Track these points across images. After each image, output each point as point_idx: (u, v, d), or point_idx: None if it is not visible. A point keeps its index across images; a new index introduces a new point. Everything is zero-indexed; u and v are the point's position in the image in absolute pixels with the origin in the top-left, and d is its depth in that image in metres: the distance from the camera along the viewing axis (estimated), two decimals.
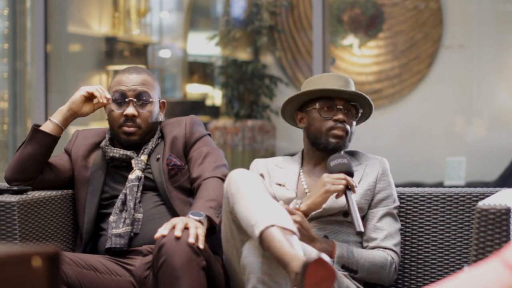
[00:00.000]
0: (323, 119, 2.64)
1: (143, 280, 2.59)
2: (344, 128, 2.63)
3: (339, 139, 2.63)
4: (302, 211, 2.49)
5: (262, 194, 2.33)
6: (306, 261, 2.06)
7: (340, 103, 2.65)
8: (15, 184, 2.69)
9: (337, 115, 2.63)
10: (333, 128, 2.63)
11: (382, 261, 2.56)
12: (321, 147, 2.66)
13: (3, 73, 5.74)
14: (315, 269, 2.05)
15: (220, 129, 6.20)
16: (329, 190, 2.46)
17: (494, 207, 2.17)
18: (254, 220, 2.23)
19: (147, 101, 2.75)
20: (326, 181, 2.48)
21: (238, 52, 6.48)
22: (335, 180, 2.47)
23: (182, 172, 2.74)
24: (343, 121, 2.63)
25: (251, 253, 2.25)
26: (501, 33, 5.48)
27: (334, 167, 2.52)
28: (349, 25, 5.77)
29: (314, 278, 2.05)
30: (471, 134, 5.47)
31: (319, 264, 2.05)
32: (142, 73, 2.79)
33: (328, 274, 2.06)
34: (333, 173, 2.50)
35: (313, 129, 2.67)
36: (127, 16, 6.48)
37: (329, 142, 2.63)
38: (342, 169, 2.51)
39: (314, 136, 2.67)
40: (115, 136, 2.78)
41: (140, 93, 2.75)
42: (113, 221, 2.65)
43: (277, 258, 2.16)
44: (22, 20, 5.67)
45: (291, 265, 2.10)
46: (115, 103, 2.75)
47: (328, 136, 2.63)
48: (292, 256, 2.12)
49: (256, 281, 2.22)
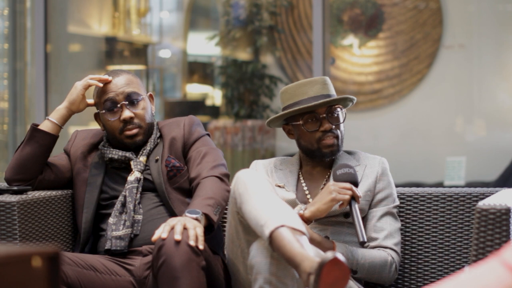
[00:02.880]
0: (310, 132, 2.64)
1: (143, 280, 2.59)
2: (334, 135, 2.63)
3: (331, 147, 2.63)
4: (306, 217, 2.49)
5: (271, 194, 2.33)
6: (322, 261, 2.05)
7: (322, 111, 2.63)
8: (15, 184, 2.69)
9: (323, 126, 2.63)
10: (323, 138, 2.63)
11: (382, 261, 2.56)
12: (316, 158, 2.67)
13: (3, 73, 5.74)
14: (330, 269, 2.04)
15: (220, 129, 6.20)
16: (335, 198, 2.46)
17: (494, 207, 2.17)
18: (264, 220, 2.23)
19: (138, 100, 2.75)
20: (332, 190, 2.47)
21: (238, 52, 6.48)
22: (341, 190, 2.47)
23: (181, 173, 2.74)
24: (330, 129, 2.62)
25: (259, 253, 2.25)
26: (501, 33, 5.48)
27: (340, 176, 2.51)
28: (349, 25, 5.77)
29: (329, 278, 2.04)
30: (471, 134, 5.47)
31: (335, 264, 2.05)
32: (122, 74, 2.78)
33: (343, 274, 2.06)
34: (338, 182, 2.50)
35: (304, 142, 2.67)
36: (127, 16, 6.48)
37: (323, 153, 2.64)
38: (348, 179, 2.51)
39: (306, 148, 2.67)
40: (119, 143, 2.77)
41: (129, 94, 2.74)
42: (112, 223, 2.65)
43: (287, 258, 2.16)
44: (22, 20, 5.66)
45: (303, 265, 2.10)
46: (108, 112, 2.74)
47: (320, 147, 2.63)
48: (303, 257, 2.11)
49: (263, 281, 2.22)
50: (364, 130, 5.55)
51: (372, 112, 5.64)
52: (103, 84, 2.74)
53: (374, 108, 5.58)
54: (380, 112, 5.63)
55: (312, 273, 2.06)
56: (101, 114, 2.77)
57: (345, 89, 5.54)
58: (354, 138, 5.38)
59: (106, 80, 2.74)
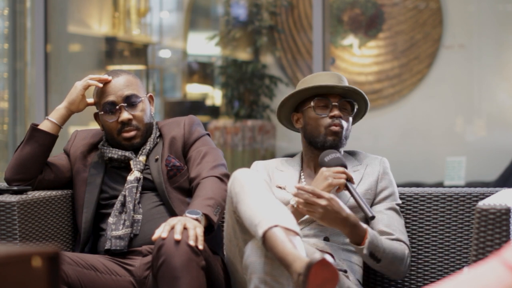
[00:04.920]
0: (319, 117, 2.64)
1: (143, 280, 2.59)
2: (341, 124, 2.63)
3: (336, 135, 2.63)
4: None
5: (266, 194, 2.33)
6: (309, 262, 2.05)
7: (335, 99, 2.65)
8: (15, 184, 2.69)
9: (332, 111, 2.63)
10: (330, 125, 2.63)
11: (402, 254, 2.53)
12: (318, 146, 2.65)
13: (3, 73, 5.74)
14: (318, 270, 2.04)
15: (220, 129, 6.20)
16: (332, 183, 2.47)
17: (494, 207, 2.17)
18: (258, 220, 2.23)
19: (137, 102, 2.75)
20: (327, 175, 2.48)
21: (238, 52, 6.48)
22: (335, 174, 2.48)
23: (181, 173, 2.74)
24: (339, 116, 2.63)
25: (253, 253, 2.25)
26: (501, 33, 5.48)
27: (330, 161, 2.53)
28: (349, 25, 5.77)
29: (317, 279, 2.04)
30: (471, 134, 5.48)
31: (323, 265, 2.05)
32: (122, 74, 2.78)
33: (331, 275, 2.06)
34: (330, 167, 2.51)
35: (310, 128, 2.66)
36: (127, 16, 6.48)
37: (326, 140, 2.63)
38: (338, 163, 2.53)
39: (311, 135, 2.66)
40: (117, 144, 2.77)
41: (128, 97, 2.74)
42: (112, 223, 2.65)
43: (279, 258, 2.16)
44: (22, 20, 5.67)
45: (294, 265, 2.10)
46: (107, 113, 2.75)
47: (326, 134, 2.63)
48: (295, 257, 2.11)
49: (258, 281, 2.22)
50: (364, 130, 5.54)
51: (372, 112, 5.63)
52: (103, 84, 2.74)
53: (374, 108, 5.58)
54: (380, 112, 5.63)
55: (301, 273, 2.06)
56: (100, 115, 2.77)
57: None
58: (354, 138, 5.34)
59: (106, 80, 2.74)
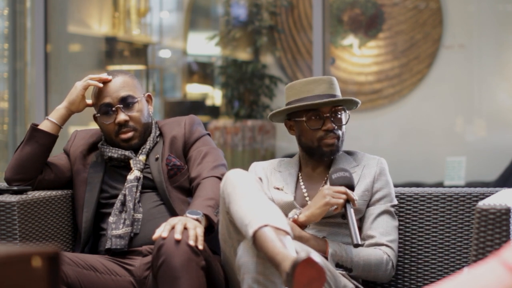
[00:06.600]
0: (312, 130, 2.63)
1: (143, 280, 2.59)
2: (335, 136, 2.63)
3: (331, 146, 2.63)
4: (300, 221, 2.49)
5: (257, 194, 2.33)
6: (295, 261, 2.05)
7: (326, 110, 2.63)
8: (15, 184, 2.69)
9: (326, 125, 2.62)
10: (324, 138, 2.63)
11: (378, 260, 2.55)
12: (315, 156, 2.66)
13: (3, 73, 5.75)
14: (304, 269, 2.04)
15: (220, 129, 6.20)
16: (329, 202, 2.46)
17: (494, 207, 2.17)
18: (248, 220, 2.23)
19: (133, 102, 2.75)
20: (326, 194, 2.47)
21: (238, 52, 6.48)
22: (335, 194, 2.46)
23: (181, 172, 2.74)
24: (332, 129, 2.62)
25: (245, 253, 2.26)
26: (501, 33, 5.48)
27: (335, 180, 2.50)
28: (349, 25, 5.77)
29: (303, 278, 2.04)
30: (471, 134, 5.48)
31: (308, 264, 2.05)
32: (119, 75, 2.77)
33: (318, 274, 2.05)
34: (334, 186, 2.50)
35: (305, 140, 2.66)
36: (127, 16, 6.48)
37: (323, 152, 2.63)
38: (344, 183, 2.50)
39: (306, 146, 2.67)
40: (116, 144, 2.77)
41: (124, 98, 2.74)
42: (112, 222, 2.65)
43: (269, 258, 2.16)
44: (22, 20, 5.67)
45: (283, 265, 2.10)
46: (104, 115, 2.75)
47: (320, 145, 2.63)
48: (284, 256, 2.11)
49: (251, 281, 2.22)
50: (364, 130, 5.55)
51: (372, 112, 5.64)
52: (103, 84, 2.74)
53: (374, 108, 5.58)
54: (380, 112, 5.63)
55: (288, 273, 2.06)
56: (97, 117, 2.77)
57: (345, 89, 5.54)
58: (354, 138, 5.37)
59: (106, 79, 2.74)
